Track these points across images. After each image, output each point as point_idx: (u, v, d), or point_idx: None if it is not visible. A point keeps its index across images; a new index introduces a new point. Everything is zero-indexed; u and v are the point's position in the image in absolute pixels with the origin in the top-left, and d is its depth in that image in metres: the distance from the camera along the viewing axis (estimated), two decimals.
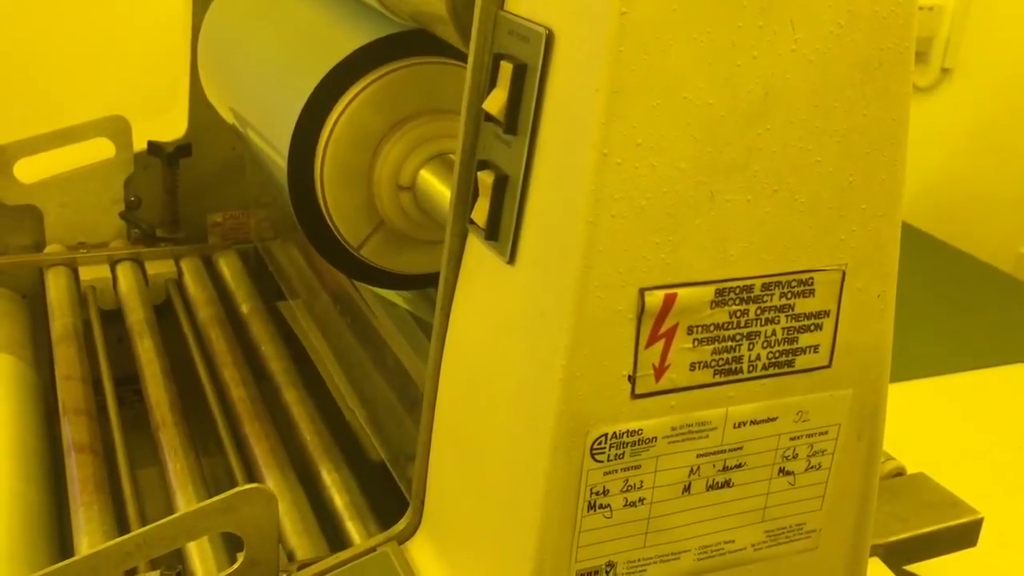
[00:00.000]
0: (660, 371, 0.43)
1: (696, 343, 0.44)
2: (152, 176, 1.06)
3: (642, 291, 0.42)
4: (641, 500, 0.45)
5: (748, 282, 0.44)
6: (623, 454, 0.44)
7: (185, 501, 0.71)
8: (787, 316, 0.45)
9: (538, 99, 0.43)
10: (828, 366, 0.47)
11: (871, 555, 0.54)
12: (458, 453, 0.50)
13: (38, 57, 1.34)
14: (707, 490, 0.47)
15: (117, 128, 1.04)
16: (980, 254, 1.44)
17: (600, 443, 0.43)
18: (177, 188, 1.05)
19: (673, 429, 0.44)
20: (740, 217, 0.43)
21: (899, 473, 0.79)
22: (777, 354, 0.46)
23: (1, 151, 1.00)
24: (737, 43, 0.40)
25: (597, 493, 0.44)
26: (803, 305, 0.45)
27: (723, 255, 0.43)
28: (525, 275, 0.44)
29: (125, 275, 1.00)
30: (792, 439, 0.47)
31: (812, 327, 0.46)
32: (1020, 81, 1.54)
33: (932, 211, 1.50)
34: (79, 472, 0.73)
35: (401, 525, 0.53)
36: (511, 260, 0.45)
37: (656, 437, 0.44)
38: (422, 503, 0.53)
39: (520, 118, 0.43)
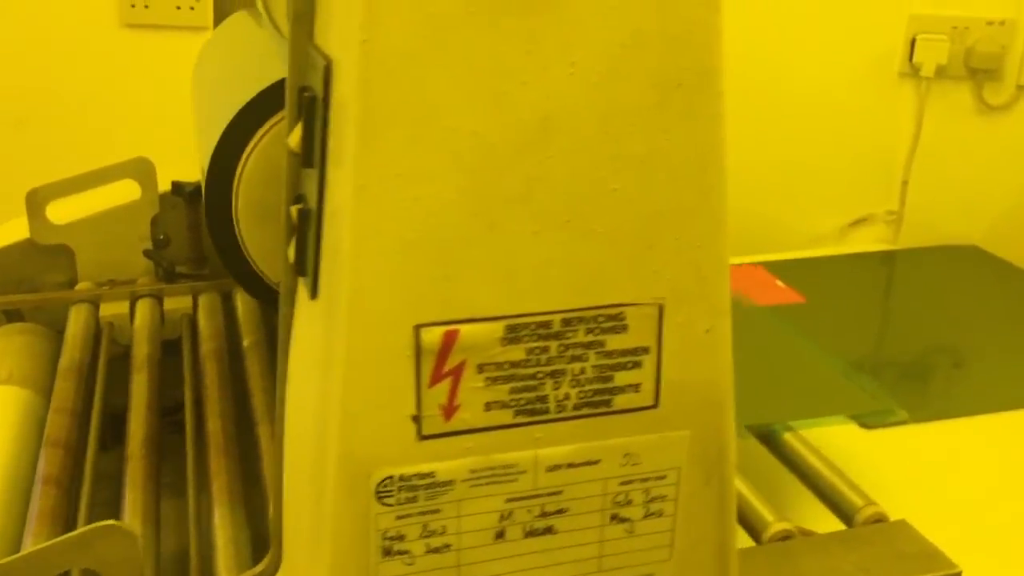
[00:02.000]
0: (449, 411, 0.40)
1: (489, 382, 0.41)
2: (178, 215, 1.07)
3: (417, 328, 0.39)
4: (447, 546, 0.42)
5: (544, 318, 0.40)
6: (416, 498, 0.41)
7: None
8: (597, 353, 0.42)
9: (323, 131, 0.40)
10: (654, 406, 0.43)
11: None
12: (291, 494, 0.48)
13: (66, 104, 1.38)
14: (525, 537, 0.43)
15: (142, 170, 1.05)
16: None
17: (386, 486, 0.40)
18: (200, 226, 1.06)
19: (473, 472, 0.41)
20: (527, 249, 0.39)
21: (879, 519, 0.73)
22: (590, 393, 0.42)
23: (33, 194, 1.03)
24: (503, 69, 0.37)
25: (392, 538, 0.41)
26: (615, 342, 0.42)
27: (511, 289, 0.40)
28: (321, 311, 0.42)
29: (142, 311, 1.01)
30: (623, 484, 0.44)
31: (629, 365, 0.42)
32: None
33: (1011, 237, 1.40)
34: (40, 504, 0.73)
35: (261, 567, 0.51)
36: (314, 296, 0.42)
37: (454, 480, 0.41)
38: (280, 542, 0.51)
39: (313, 151, 0.41)
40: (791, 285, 1.25)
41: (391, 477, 0.40)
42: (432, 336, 0.39)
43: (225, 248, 0.63)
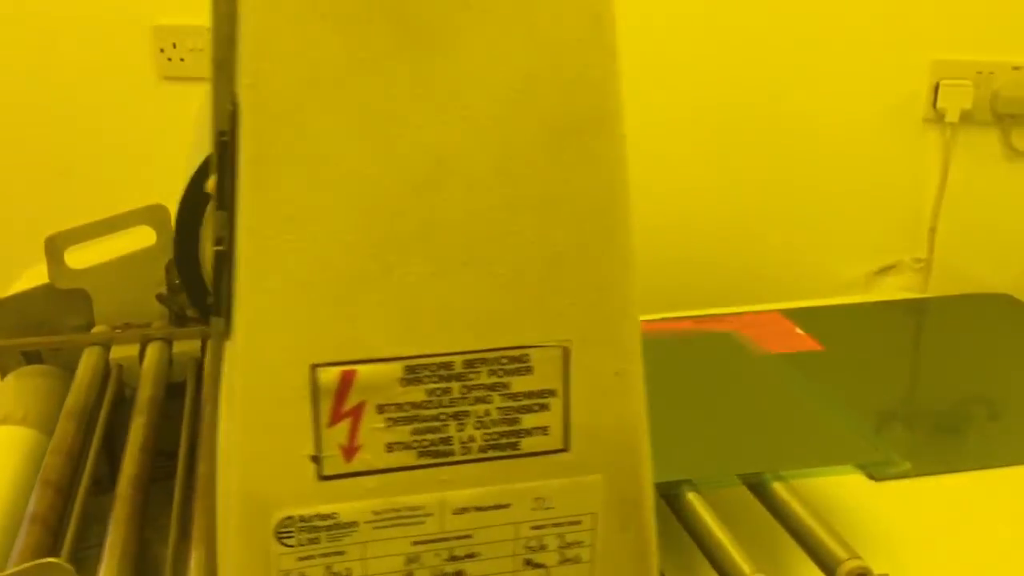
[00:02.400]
0: (350, 452, 0.40)
1: (390, 423, 0.41)
2: None
3: (314, 367, 0.39)
4: None
5: (445, 359, 0.40)
6: (318, 539, 0.41)
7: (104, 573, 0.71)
8: (502, 395, 0.42)
9: (232, 174, 0.41)
10: (564, 449, 0.43)
11: None
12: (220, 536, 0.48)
13: (104, 153, 1.42)
14: None
15: (157, 216, 1.08)
16: None
17: (286, 526, 0.41)
18: None
19: (376, 514, 0.41)
20: (425, 290, 0.40)
21: (861, 574, 0.71)
22: (495, 436, 0.42)
23: (52, 240, 1.06)
24: (394, 113, 0.38)
25: None
26: (520, 384, 0.42)
27: (410, 330, 0.40)
28: (230, 350, 0.42)
29: (151, 354, 1.03)
30: (535, 528, 0.43)
31: (536, 407, 0.42)
32: None
33: None
34: (24, 541, 0.75)
35: None
36: (227, 336, 0.43)
37: (357, 522, 0.41)
38: None
39: (224, 194, 0.42)
40: (813, 333, 1.23)
41: (291, 518, 0.41)
42: (329, 376, 0.39)
43: (191, 286, 0.64)
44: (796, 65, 1.30)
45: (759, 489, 0.77)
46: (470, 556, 0.43)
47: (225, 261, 0.43)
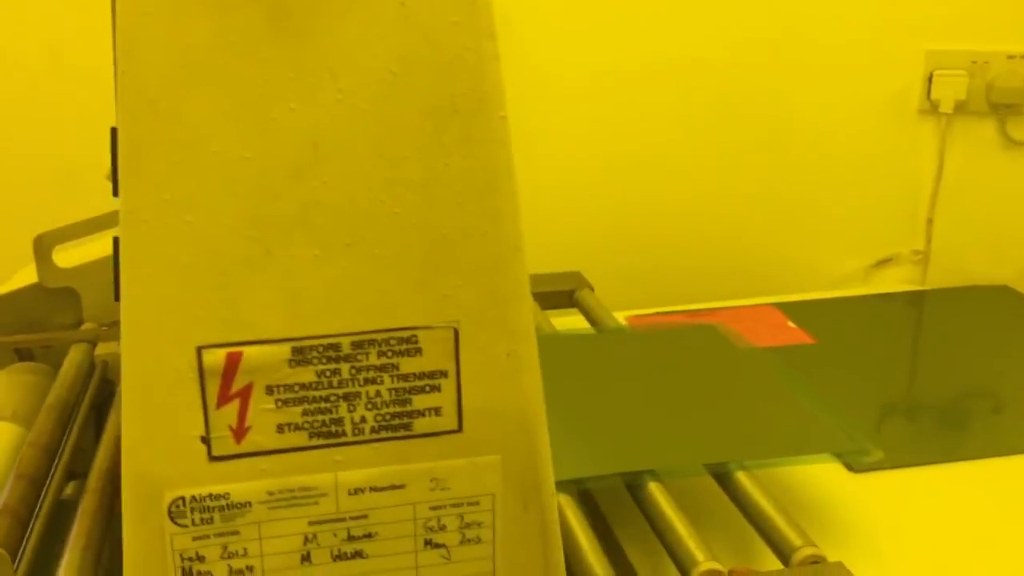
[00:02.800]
0: (240, 433, 0.41)
1: (280, 404, 0.41)
2: None
3: (200, 349, 0.40)
4: (249, 568, 0.43)
5: (333, 340, 0.41)
6: (212, 519, 0.42)
7: (66, 566, 0.73)
8: (392, 376, 0.42)
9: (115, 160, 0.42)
10: (458, 430, 0.43)
11: None
12: None
13: (71, 151, 1.43)
14: (334, 560, 0.43)
15: None
16: None
17: (178, 506, 0.41)
18: None
19: (270, 494, 0.42)
20: (309, 273, 0.40)
21: (815, 560, 0.71)
22: (388, 417, 0.42)
23: (40, 239, 1.07)
24: (268, 96, 0.38)
25: (190, 559, 0.42)
26: (410, 365, 0.42)
27: (296, 312, 0.40)
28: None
29: None
30: (433, 509, 0.44)
31: (427, 388, 0.42)
32: None
33: None
34: None
35: None
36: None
37: (250, 502, 0.42)
38: None
39: (118, 181, 0.43)
40: (808, 326, 1.22)
41: (183, 498, 0.41)
42: (214, 357, 0.40)
43: None
44: (788, 59, 1.29)
45: (723, 479, 0.77)
46: (368, 536, 0.43)
47: (118, 247, 0.43)
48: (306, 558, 0.43)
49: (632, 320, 1.20)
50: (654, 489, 0.74)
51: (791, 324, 1.21)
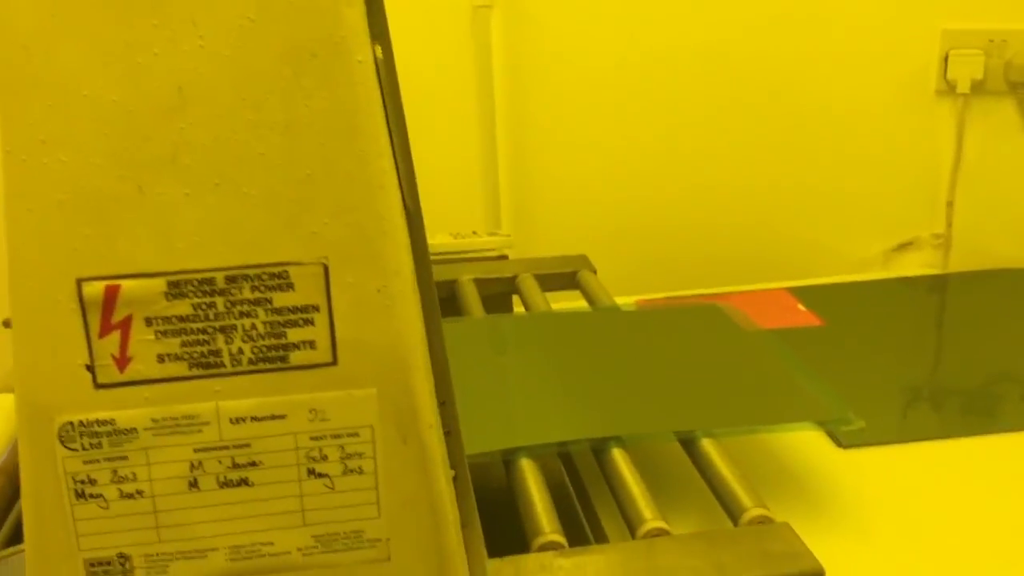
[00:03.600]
0: (123, 362, 0.44)
1: (159, 335, 0.44)
2: None
3: (79, 281, 0.43)
4: (139, 492, 0.45)
5: (207, 275, 0.44)
6: (100, 444, 0.45)
7: None
8: (266, 310, 0.44)
9: None
10: (333, 363, 0.45)
11: None
12: None
13: None
14: (220, 487, 0.46)
15: None
16: None
17: (67, 431, 0.44)
18: None
19: (155, 421, 0.45)
20: (181, 210, 0.43)
21: (763, 521, 0.72)
22: (264, 349, 0.45)
23: None
24: (133, 42, 0.41)
25: (82, 482, 0.45)
26: (283, 299, 0.44)
27: (170, 247, 0.43)
28: None
29: None
30: (314, 439, 0.46)
31: (301, 322, 0.45)
32: None
33: None
34: None
35: None
36: None
37: (136, 428, 0.45)
38: None
39: None
40: (821, 309, 1.22)
41: (71, 423, 0.44)
42: (94, 290, 0.43)
43: None
44: (801, 41, 1.29)
45: (690, 446, 0.78)
46: (252, 464, 0.46)
47: None
48: (193, 484, 0.45)
49: (642, 303, 1.20)
50: (616, 454, 0.75)
51: (801, 307, 1.21)
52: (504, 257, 1.17)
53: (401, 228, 0.44)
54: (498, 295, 1.13)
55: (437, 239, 1.17)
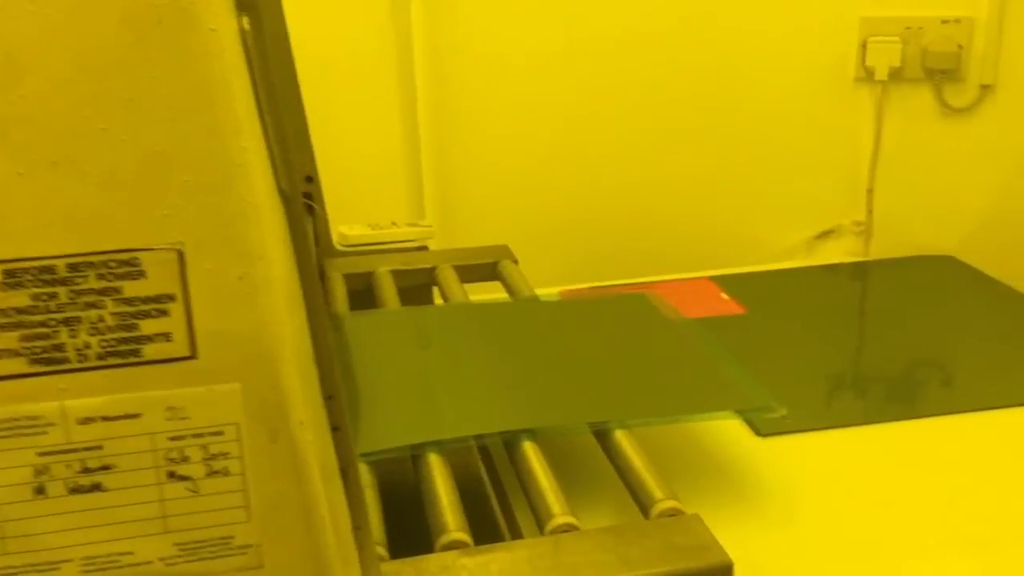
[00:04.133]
0: None
1: None
2: None
3: None
4: None
5: (46, 262, 0.39)
6: None
7: None
8: (115, 300, 0.40)
9: None
10: (192, 357, 0.41)
11: None
12: None
13: None
14: (70, 493, 0.42)
15: None
16: None
17: None
18: None
19: None
20: (15, 192, 0.38)
21: (673, 513, 0.69)
22: (113, 343, 0.41)
23: None
24: None
25: None
26: (134, 288, 0.40)
27: (3, 233, 0.39)
28: None
29: None
30: (173, 439, 0.42)
31: (154, 313, 0.41)
32: None
33: (984, 247, 1.32)
34: None
35: None
36: None
37: None
38: None
39: None
40: (743, 298, 1.20)
41: None
42: None
43: None
44: (722, 30, 1.27)
45: (603, 437, 0.76)
46: (105, 468, 0.41)
47: None
48: (40, 491, 0.41)
49: (565, 293, 1.18)
50: (527, 448, 0.72)
51: (724, 296, 1.19)
52: (424, 248, 1.14)
53: (267, 210, 0.40)
54: (418, 287, 1.10)
55: (355, 230, 1.13)
